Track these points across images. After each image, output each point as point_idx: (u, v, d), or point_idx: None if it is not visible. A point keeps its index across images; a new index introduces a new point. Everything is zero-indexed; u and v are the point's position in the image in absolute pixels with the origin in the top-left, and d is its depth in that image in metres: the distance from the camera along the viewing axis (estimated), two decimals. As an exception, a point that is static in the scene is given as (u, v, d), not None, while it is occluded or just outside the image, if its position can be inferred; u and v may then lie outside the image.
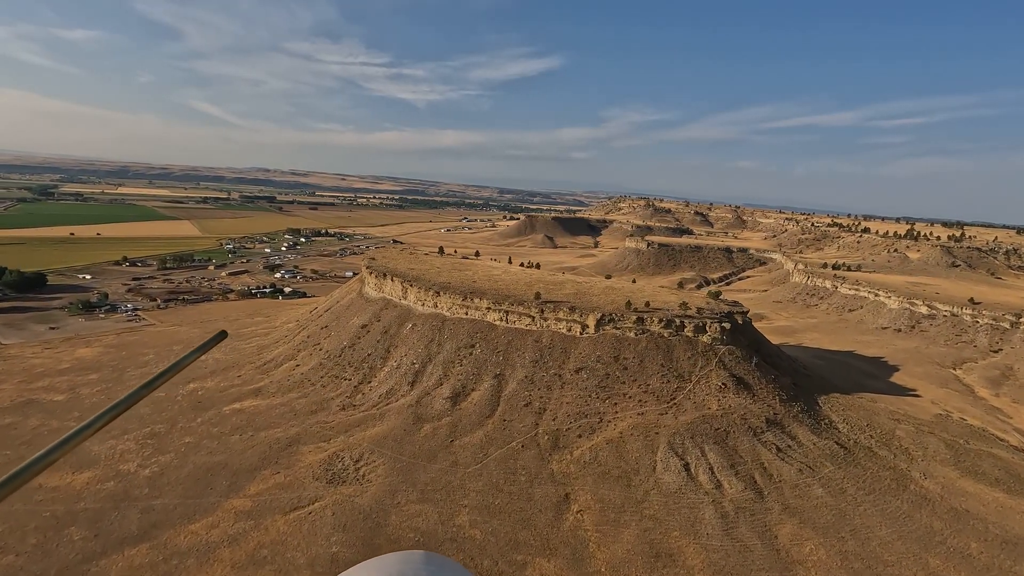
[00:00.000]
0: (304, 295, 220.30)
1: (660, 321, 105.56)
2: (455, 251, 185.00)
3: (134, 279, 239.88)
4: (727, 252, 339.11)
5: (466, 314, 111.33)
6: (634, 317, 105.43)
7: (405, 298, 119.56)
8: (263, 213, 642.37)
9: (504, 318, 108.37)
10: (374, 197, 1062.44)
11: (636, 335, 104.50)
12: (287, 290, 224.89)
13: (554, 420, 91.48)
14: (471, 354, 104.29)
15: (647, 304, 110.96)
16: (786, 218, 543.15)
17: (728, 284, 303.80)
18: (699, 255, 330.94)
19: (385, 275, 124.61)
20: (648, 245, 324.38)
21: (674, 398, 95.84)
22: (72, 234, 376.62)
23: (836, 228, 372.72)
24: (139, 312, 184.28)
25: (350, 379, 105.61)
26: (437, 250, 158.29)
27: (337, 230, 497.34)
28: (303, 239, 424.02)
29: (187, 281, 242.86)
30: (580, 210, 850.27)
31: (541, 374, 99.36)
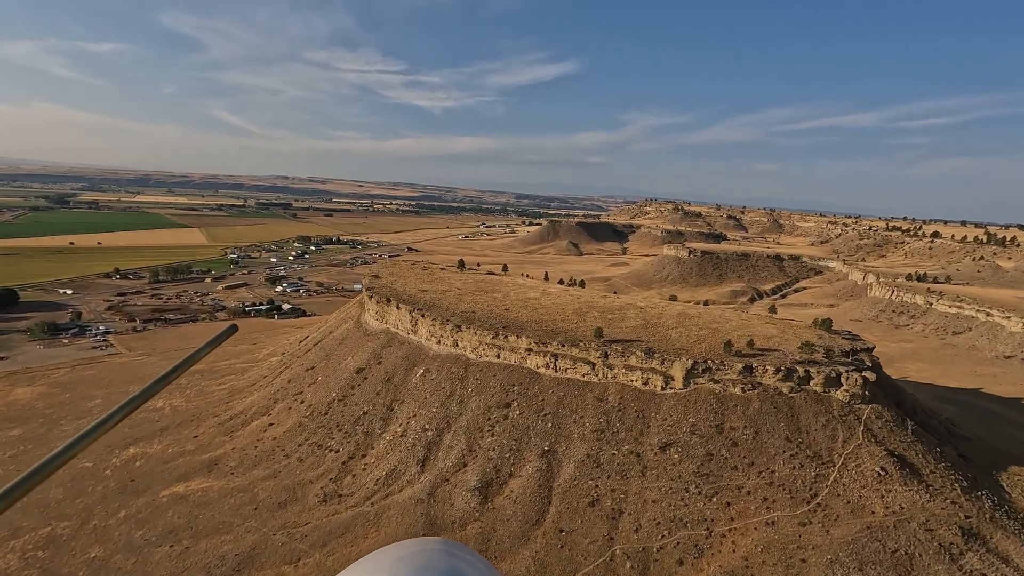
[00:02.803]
0: (303, 313, 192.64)
1: (776, 370, 73.56)
2: (478, 264, 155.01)
3: (119, 294, 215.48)
4: (777, 260, 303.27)
5: (498, 357, 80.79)
6: (739, 365, 73.63)
7: (415, 332, 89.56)
8: (277, 220, 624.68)
9: (552, 364, 77.53)
10: (391, 203, 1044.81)
11: (743, 391, 72.66)
12: (285, 307, 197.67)
13: (637, 532, 60.09)
14: (506, 418, 73.59)
15: (750, 343, 79.00)
16: (829, 222, 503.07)
17: (783, 297, 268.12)
18: (747, 264, 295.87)
19: (389, 300, 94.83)
20: (690, 253, 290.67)
21: (815, 494, 63.67)
22: (72, 243, 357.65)
23: (898, 232, 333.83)
24: (109, 336, 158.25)
25: (337, 450, 75.73)
26: (456, 264, 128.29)
27: (350, 237, 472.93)
28: (313, 247, 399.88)
29: (177, 296, 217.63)
30: (599, 214, 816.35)
31: (610, 452, 68.12)
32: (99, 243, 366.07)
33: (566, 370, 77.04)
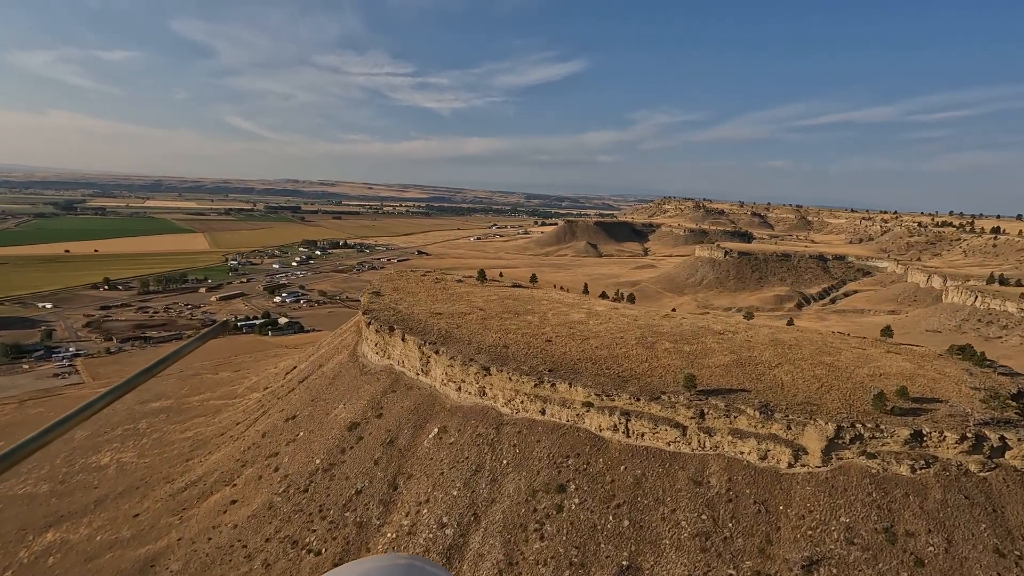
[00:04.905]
0: (301, 329, 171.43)
1: (960, 438, 49.68)
2: (500, 275, 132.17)
3: (102, 308, 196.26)
4: (821, 260, 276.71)
5: (543, 413, 57.92)
6: (903, 431, 49.87)
7: (427, 373, 67.01)
8: (285, 224, 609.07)
9: (622, 427, 54.45)
10: (400, 205, 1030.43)
11: (913, 470, 48.96)
12: (281, 321, 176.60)
13: None
14: (561, 509, 50.66)
15: (902, 392, 55.09)
16: (863, 218, 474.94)
17: (833, 301, 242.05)
18: (788, 265, 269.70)
19: (392, 329, 72.28)
20: (726, 254, 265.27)
21: (1068, 654, 39.77)
22: (67, 251, 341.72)
23: (951, 228, 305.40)
24: (77, 360, 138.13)
25: (319, 551, 53.29)
26: (475, 274, 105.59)
27: (358, 241, 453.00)
28: (318, 252, 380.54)
29: (165, 310, 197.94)
30: (612, 214, 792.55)
31: (725, 572, 44.80)
32: (95, 250, 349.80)
33: (643, 435, 53.86)
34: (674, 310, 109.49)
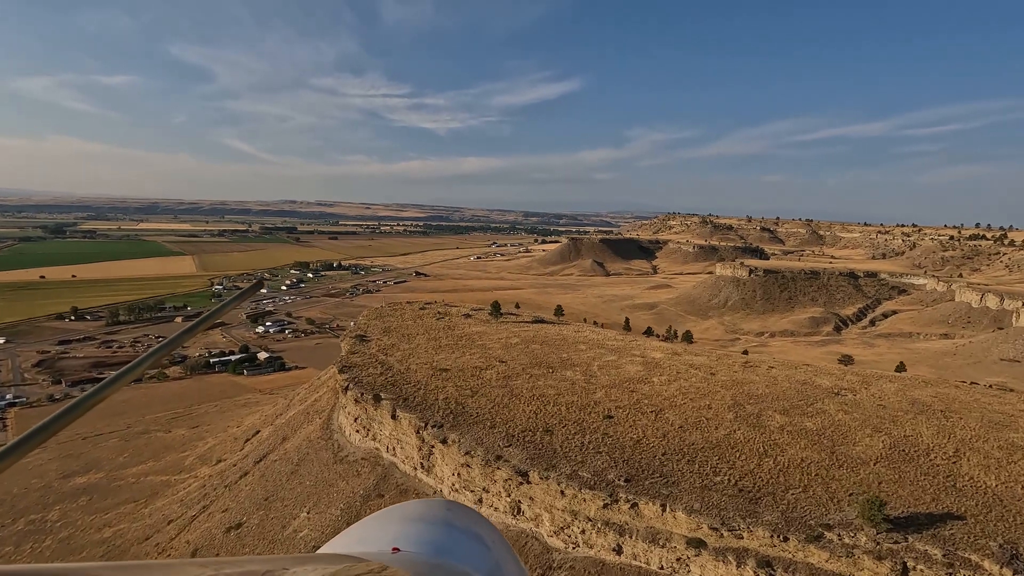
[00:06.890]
0: (282, 366, 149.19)
1: None
2: (517, 306, 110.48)
3: (60, 342, 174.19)
4: (852, 278, 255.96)
5: (618, 552, 35.98)
6: None
7: (429, 469, 45.17)
8: (280, 245, 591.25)
9: (759, 586, 32.39)
10: (398, 224, 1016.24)
11: None
12: (261, 356, 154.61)
13: None
14: None
15: None
16: (878, 231, 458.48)
17: (872, 323, 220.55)
18: (818, 283, 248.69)
19: (379, 399, 50.51)
20: (751, 272, 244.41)
21: None
22: (43, 277, 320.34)
23: (987, 242, 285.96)
24: (12, 411, 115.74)
25: None
26: (489, 309, 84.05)
27: (353, 262, 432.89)
28: (311, 274, 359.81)
29: (132, 344, 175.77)
30: (611, 231, 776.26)
31: None
32: (73, 276, 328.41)
33: (796, 601, 31.87)
34: (746, 352, 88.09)
